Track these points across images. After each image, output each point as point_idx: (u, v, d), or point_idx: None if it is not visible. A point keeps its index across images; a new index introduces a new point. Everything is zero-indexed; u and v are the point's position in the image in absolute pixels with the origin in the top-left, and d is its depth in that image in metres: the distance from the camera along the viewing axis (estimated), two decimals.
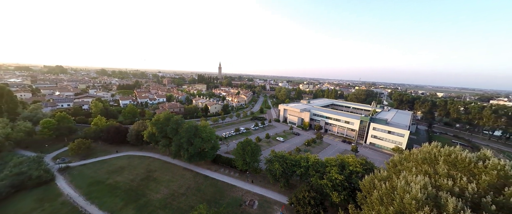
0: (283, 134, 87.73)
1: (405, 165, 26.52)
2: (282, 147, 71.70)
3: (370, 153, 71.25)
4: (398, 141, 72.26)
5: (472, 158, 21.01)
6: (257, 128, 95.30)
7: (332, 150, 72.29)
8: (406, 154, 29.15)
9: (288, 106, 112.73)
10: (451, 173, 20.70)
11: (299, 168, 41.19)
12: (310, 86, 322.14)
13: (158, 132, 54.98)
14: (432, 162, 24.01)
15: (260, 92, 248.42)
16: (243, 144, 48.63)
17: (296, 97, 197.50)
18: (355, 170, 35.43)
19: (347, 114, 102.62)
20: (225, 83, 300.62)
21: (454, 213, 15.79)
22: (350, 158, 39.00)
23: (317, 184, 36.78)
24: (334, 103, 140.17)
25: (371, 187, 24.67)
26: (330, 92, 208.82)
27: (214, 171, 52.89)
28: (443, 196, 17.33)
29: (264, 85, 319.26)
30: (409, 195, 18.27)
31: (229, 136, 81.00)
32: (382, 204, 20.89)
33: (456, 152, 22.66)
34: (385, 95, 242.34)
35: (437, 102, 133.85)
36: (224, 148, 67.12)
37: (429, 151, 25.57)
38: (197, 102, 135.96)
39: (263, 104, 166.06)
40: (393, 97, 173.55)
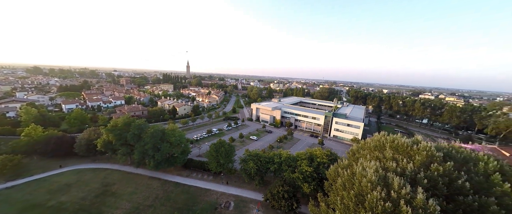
0: (257, 133, 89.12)
1: (361, 153, 30.51)
2: (256, 145, 72.81)
3: (334, 145, 79.31)
4: (356, 132, 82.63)
5: (409, 143, 25.72)
6: (230, 128, 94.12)
7: (302, 145, 77.41)
8: (361, 143, 33.51)
9: (260, 105, 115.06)
10: (395, 156, 24.86)
11: (272, 164, 42.58)
12: (280, 86, 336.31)
13: (116, 139, 48.29)
14: (381, 148, 28.33)
15: (232, 92, 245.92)
16: (216, 145, 47.28)
17: (267, 96, 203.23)
18: (322, 161, 38.82)
19: (313, 110, 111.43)
20: (194, 83, 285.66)
21: (398, 189, 19.04)
22: (318, 150, 42.50)
23: (289, 178, 38.77)
24: (302, 101, 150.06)
25: (335, 175, 27.44)
26: (298, 90, 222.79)
27: (186, 176, 49.82)
28: (390, 176, 20.67)
29: (236, 84, 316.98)
30: (365, 178, 21.10)
31: (201, 138, 77.52)
32: (345, 189, 23.52)
33: (398, 138, 27.32)
34: (344, 92, 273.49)
35: (383, 98, 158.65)
36: (196, 151, 63.87)
37: (378, 139, 30.06)
38: (163, 104, 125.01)
39: (236, 104, 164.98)
40: (350, 94, 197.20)
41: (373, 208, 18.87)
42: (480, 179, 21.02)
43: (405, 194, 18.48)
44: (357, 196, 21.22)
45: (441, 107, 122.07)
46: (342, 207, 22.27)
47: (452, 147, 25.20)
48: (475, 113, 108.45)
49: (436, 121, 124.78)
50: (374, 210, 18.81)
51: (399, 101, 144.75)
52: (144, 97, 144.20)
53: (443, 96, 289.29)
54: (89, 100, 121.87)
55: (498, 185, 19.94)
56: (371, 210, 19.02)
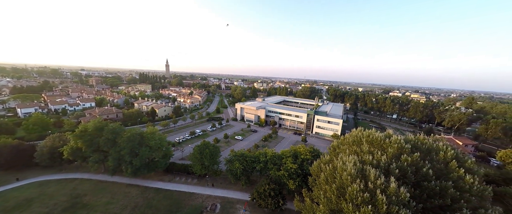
0: (242, 132, 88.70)
1: (341, 148, 32.39)
2: (241, 145, 72.47)
3: (316, 141, 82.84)
4: (335, 129, 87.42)
5: (382, 137, 28.06)
6: (215, 128, 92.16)
7: (286, 142, 79.28)
8: (341, 139, 35.57)
9: (245, 104, 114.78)
10: (370, 150, 26.89)
11: (258, 163, 42.79)
12: (264, 85, 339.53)
13: (87, 145, 43.87)
14: (359, 143, 30.43)
15: (216, 91, 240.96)
16: (200, 147, 45.87)
17: (251, 95, 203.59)
18: (306, 157, 40.21)
19: (296, 109, 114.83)
20: (175, 83, 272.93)
21: (375, 180, 20.64)
22: (301, 147, 43.91)
23: (275, 176, 39.39)
24: (285, 100, 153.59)
25: (318, 171, 28.68)
26: (282, 90, 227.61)
27: (168, 181, 47.44)
28: (367, 168, 22.31)
29: (219, 84, 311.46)
30: (345, 172, 22.45)
31: (183, 141, 74.48)
32: (328, 183, 24.73)
33: (372, 133, 29.61)
34: (324, 91, 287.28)
35: (358, 96, 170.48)
36: (178, 154, 61.23)
37: (356, 134, 32.22)
38: (140, 106, 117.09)
39: (219, 104, 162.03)
40: (330, 93, 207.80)
41: (353, 199, 20.18)
42: (440, 166, 23.88)
43: (380, 184, 20.12)
44: (338, 189, 22.46)
45: (407, 103, 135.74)
46: (325, 201, 23.39)
47: (418, 139, 28.17)
48: (434, 108, 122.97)
49: (403, 116, 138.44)
50: (354, 201, 20.12)
51: (373, 99, 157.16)
52: (118, 98, 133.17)
53: (408, 94, 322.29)
54: (52, 103, 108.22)
55: (454, 171, 22.89)
56: (352, 201, 20.31)
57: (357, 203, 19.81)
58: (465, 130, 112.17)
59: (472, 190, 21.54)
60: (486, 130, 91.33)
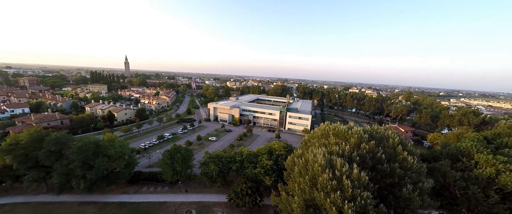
0: (216, 133, 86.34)
1: (312, 142, 34.90)
2: (216, 146, 70.55)
3: (289, 137, 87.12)
4: (306, 124, 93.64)
5: (345, 129, 31.40)
6: (186, 130, 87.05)
7: (261, 140, 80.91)
8: (311, 133, 38.29)
9: (218, 104, 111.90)
10: (336, 141, 29.79)
11: (234, 163, 42.43)
12: (237, 84, 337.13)
13: (19, 162, 35.65)
14: (326, 135, 33.32)
15: (186, 91, 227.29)
16: (170, 151, 42.64)
17: (224, 94, 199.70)
18: (280, 153, 41.87)
19: (269, 106, 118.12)
20: (137, 83, 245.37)
21: (341, 168, 22.96)
22: (276, 144, 45.50)
23: (252, 174, 39.77)
24: (258, 98, 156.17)
25: (292, 165, 30.22)
26: (255, 88, 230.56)
27: (134, 193, 42.67)
28: (334, 158, 24.65)
29: (189, 83, 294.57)
30: (316, 164, 24.28)
31: (150, 146, 68.00)
32: (301, 175, 26.31)
33: (338, 126, 32.83)
34: (295, 89, 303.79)
35: (324, 93, 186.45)
36: (145, 162, 55.63)
37: (324, 128, 35.18)
38: (93, 110, 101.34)
39: (190, 105, 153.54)
40: (299, 90, 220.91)
41: (324, 187, 22.03)
42: (390, 151, 28.21)
43: (345, 171, 22.50)
44: (311, 180, 24.16)
45: (363, 98, 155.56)
46: (299, 192, 24.86)
47: (373, 129, 32.56)
48: (383, 102, 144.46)
49: (361, 109, 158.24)
50: (324, 189, 21.97)
51: (336, 95, 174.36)
52: (63, 102, 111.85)
53: (364, 90, 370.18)
54: None
55: (400, 154, 27.37)
56: (322, 189, 22.14)
57: (327, 191, 21.72)
58: (405, 119, 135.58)
59: (413, 168, 26.21)
60: (419, 118, 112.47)
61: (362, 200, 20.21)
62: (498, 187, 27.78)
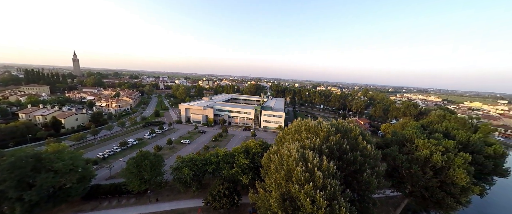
0: (189, 135, 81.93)
1: (286, 138, 36.43)
2: (189, 149, 66.99)
3: (265, 135, 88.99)
4: (280, 121, 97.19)
5: (315, 124, 33.80)
6: (155, 135, 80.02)
7: (237, 139, 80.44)
8: (285, 130, 39.96)
9: (190, 105, 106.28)
10: (308, 136, 31.83)
11: (210, 165, 41.09)
12: (210, 83, 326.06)
13: None
14: (299, 131, 35.27)
15: (152, 92, 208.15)
16: (136, 159, 38.58)
17: (197, 94, 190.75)
18: (257, 151, 42.44)
19: (244, 105, 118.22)
20: (91, 83, 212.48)
21: (312, 160, 24.65)
22: (251, 142, 45.88)
23: (229, 174, 39.20)
24: (233, 98, 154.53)
25: (269, 161, 30.99)
26: (229, 87, 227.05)
27: (92, 210, 37.24)
28: (306, 152, 26.30)
29: (156, 83, 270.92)
30: (291, 158, 25.47)
31: (111, 155, 60.19)
32: (277, 171, 27.21)
33: (309, 122, 35.09)
34: (268, 87, 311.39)
35: (295, 91, 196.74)
36: (104, 173, 49.02)
37: (296, 124, 37.15)
38: (31, 116, 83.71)
39: (158, 106, 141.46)
40: (272, 89, 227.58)
41: (298, 180, 23.29)
42: (353, 142, 31.65)
43: (316, 163, 24.26)
44: (286, 174, 25.22)
45: (329, 96, 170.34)
46: (276, 187, 25.71)
47: (338, 123, 35.97)
48: (346, 98, 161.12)
49: (327, 105, 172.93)
50: (299, 181, 23.24)
51: (306, 93, 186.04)
52: None
53: (330, 88, 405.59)
54: None
55: (361, 143, 30.98)
56: (297, 182, 23.38)
57: (301, 183, 23.04)
58: (363, 113, 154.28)
59: (371, 155, 30.05)
60: (374, 111, 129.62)
61: (332, 187, 22.16)
62: (432, 164, 34.26)
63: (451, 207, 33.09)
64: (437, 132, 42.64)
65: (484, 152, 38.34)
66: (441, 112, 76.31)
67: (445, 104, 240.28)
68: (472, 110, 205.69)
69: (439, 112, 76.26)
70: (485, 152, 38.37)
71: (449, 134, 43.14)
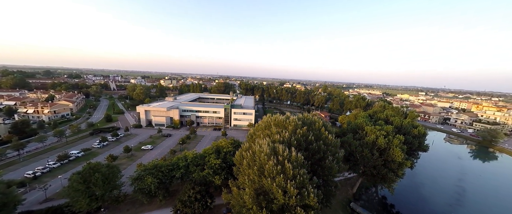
0: (151, 140, 73.96)
1: (257, 134, 37.02)
2: (153, 155, 60.58)
3: (236, 133, 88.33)
4: (250, 119, 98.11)
5: (284, 119, 35.49)
6: (107, 143, 69.01)
7: (207, 140, 77.25)
8: (256, 126, 40.57)
9: (151, 106, 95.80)
10: (278, 130, 33.13)
11: (178, 170, 38.13)
12: (173, 82, 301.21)
13: None
14: (269, 126, 36.36)
15: (101, 93, 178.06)
16: (83, 173, 32.46)
17: (158, 95, 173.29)
18: (228, 150, 41.65)
19: (213, 104, 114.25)
20: (9, 84, 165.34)
21: (282, 153, 25.81)
22: (223, 141, 44.76)
23: (199, 177, 37.25)
24: (200, 97, 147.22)
25: (241, 158, 30.85)
26: (195, 86, 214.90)
27: None
28: (277, 145, 27.35)
29: (105, 83, 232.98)
30: (262, 153, 26.00)
31: (46, 172, 48.85)
32: (250, 167, 27.38)
33: (277, 117, 36.56)
34: (237, 86, 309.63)
35: (264, 88, 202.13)
36: (37, 196, 39.71)
37: (266, 120, 38.20)
38: None
39: (110, 110, 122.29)
40: (241, 87, 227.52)
41: (270, 173, 24.01)
42: (317, 133, 34.66)
43: (286, 155, 25.52)
44: (259, 169, 25.63)
45: (294, 92, 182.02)
46: (250, 183, 25.87)
47: (304, 117, 38.77)
48: (309, 94, 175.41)
49: (294, 101, 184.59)
50: (271, 174, 23.97)
51: (274, 90, 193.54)
52: None
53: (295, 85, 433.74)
54: None
55: (323, 134, 34.23)
56: (269, 175, 24.07)
57: (273, 176, 23.85)
58: (324, 106, 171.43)
59: (332, 143, 33.62)
60: (333, 105, 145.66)
61: (300, 177, 23.74)
62: (377, 147, 40.87)
63: (392, 180, 40.40)
64: (380, 119, 51.08)
65: (412, 133, 48.18)
66: (382, 103, 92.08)
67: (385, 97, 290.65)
68: (402, 100, 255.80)
69: (381, 103, 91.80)
70: (412, 133, 48.24)
71: (388, 120, 52.26)
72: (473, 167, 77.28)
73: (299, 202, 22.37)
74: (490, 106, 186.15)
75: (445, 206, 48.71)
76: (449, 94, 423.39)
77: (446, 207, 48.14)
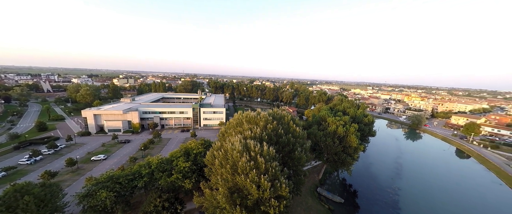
0: (104, 149, 63.88)
1: (228, 132, 36.33)
2: (106, 166, 52.47)
3: (206, 133, 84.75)
4: (221, 117, 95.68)
5: (255, 115, 35.86)
6: (41, 157, 56.06)
7: (174, 143, 71.65)
8: (227, 124, 39.78)
9: (102, 109, 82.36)
10: (249, 127, 33.28)
11: (140, 179, 34.11)
12: (130, 81, 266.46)
13: None
14: (240, 124, 36.17)
15: (28, 96, 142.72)
16: (5, 199, 25.60)
17: (111, 96, 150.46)
18: (198, 151, 39.56)
19: (180, 104, 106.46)
20: None
21: (254, 148, 26.08)
22: (192, 143, 42.20)
23: (167, 183, 34.28)
24: (164, 97, 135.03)
25: (213, 158, 29.75)
26: (158, 85, 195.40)
27: None
28: (248, 141, 27.45)
29: (35, 83, 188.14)
30: (235, 151, 25.67)
31: None
32: (222, 166, 26.66)
33: (249, 114, 36.68)
34: (206, 84, 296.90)
35: (234, 86, 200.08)
36: None
37: (237, 117, 37.86)
38: None
39: (44, 116, 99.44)
40: (210, 85, 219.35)
41: (243, 170, 23.96)
42: (286, 126, 36.41)
43: (258, 150, 25.91)
44: (232, 167, 25.24)
45: (264, 89, 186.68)
46: (223, 182, 25.24)
47: (274, 112, 40.13)
48: (278, 91, 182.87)
49: (264, 98, 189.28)
50: (244, 171, 23.94)
51: (244, 88, 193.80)
52: None
53: (264, 82, 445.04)
54: None
55: (292, 127, 36.22)
56: (243, 172, 24.00)
57: (247, 172, 23.89)
58: (291, 102, 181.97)
59: (300, 136, 35.96)
60: (299, 100, 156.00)
61: (272, 169, 24.53)
62: (338, 135, 45.88)
63: (349, 164, 46.16)
64: (339, 111, 57.44)
65: (364, 121, 56.01)
66: (340, 97, 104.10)
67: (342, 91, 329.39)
68: (355, 94, 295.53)
69: (339, 97, 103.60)
70: (364, 121, 56.10)
71: (345, 112, 59.25)
72: (407, 146, 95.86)
73: (272, 194, 23.12)
74: (416, 97, 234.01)
75: (388, 179, 58.97)
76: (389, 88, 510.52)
77: (389, 180, 58.34)
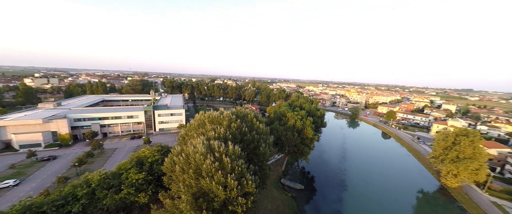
0: (13, 171, 48.23)
1: (190, 134, 33.87)
2: (20, 193, 39.93)
3: (163, 138, 76.29)
4: (180, 119, 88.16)
5: (218, 114, 34.74)
6: None
7: (122, 153, 61.35)
8: (188, 126, 36.99)
9: (6, 120, 61.65)
10: (212, 127, 32.00)
11: (75, 202, 27.56)
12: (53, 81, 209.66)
13: None
14: (202, 124, 34.32)
15: None
16: None
17: (22, 101, 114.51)
18: (155, 159, 35.23)
19: (127, 108, 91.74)
20: None
21: (218, 149, 25.31)
22: (146, 150, 37.18)
23: (114, 201, 29.01)
24: (106, 100, 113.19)
25: (172, 165, 27.07)
26: (95, 86, 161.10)
27: None
28: (212, 142, 26.40)
29: None
30: (197, 154, 24.17)
31: None
32: (184, 172, 24.68)
33: (212, 114, 35.21)
34: (160, 83, 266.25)
35: (193, 86, 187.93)
36: None
37: (199, 118, 35.75)
38: None
39: None
40: (166, 85, 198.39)
41: (208, 172, 22.90)
42: (250, 124, 36.97)
43: (223, 150, 25.30)
44: (195, 172, 23.69)
45: (226, 88, 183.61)
46: (186, 189, 23.39)
47: (237, 111, 40.00)
48: (240, 89, 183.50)
49: (226, 97, 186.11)
50: (209, 174, 22.91)
51: (205, 87, 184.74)
52: None
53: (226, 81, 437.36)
54: None
55: (255, 124, 37.08)
56: (208, 175, 22.91)
57: (212, 174, 22.95)
58: (254, 100, 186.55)
59: (263, 132, 37.27)
60: (261, 98, 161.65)
61: (239, 167, 24.50)
62: (296, 129, 50.18)
63: (307, 153, 51.36)
64: (297, 106, 62.83)
65: (317, 115, 63.35)
66: (297, 94, 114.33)
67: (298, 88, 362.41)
68: (309, 91, 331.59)
69: (296, 94, 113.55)
70: (317, 114, 63.47)
71: (302, 107, 65.36)
72: (349, 132, 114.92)
73: (239, 192, 23.11)
74: (354, 92, 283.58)
75: (337, 163, 69.24)
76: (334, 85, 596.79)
77: (337, 163, 68.55)
